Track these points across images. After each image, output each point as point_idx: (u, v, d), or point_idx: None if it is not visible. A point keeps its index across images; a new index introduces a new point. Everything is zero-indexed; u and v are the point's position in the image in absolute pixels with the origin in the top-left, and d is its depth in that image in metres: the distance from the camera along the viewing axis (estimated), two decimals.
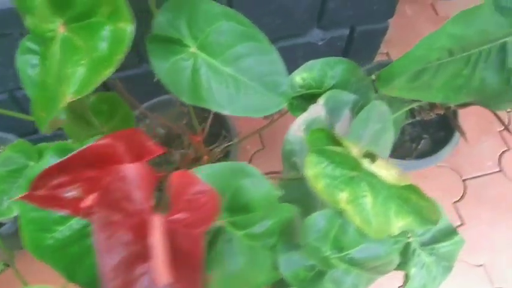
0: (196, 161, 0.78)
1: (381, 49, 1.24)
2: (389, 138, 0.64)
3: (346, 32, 1.06)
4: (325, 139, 0.43)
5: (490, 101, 0.56)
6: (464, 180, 1.15)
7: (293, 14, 0.94)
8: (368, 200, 0.46)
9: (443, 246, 0.69)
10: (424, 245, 0.69)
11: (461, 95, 0.56)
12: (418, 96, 0.57)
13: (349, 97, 0.58)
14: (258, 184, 0.40)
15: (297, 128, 0.54)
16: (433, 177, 1.15)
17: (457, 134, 0.96)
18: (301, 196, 0.55)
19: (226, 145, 0.88)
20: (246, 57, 0.55)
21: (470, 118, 1.21)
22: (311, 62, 0.59)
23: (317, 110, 0.55)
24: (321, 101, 0.55)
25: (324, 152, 0.44)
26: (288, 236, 0.45)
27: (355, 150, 0.43)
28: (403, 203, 0.48)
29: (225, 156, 0.90)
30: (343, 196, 0.44)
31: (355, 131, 0.56)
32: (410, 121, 1.01)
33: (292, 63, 1.11)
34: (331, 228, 0.46)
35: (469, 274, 1.05)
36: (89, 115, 0.50)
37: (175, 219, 0.28)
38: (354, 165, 0.43)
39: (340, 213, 0.45)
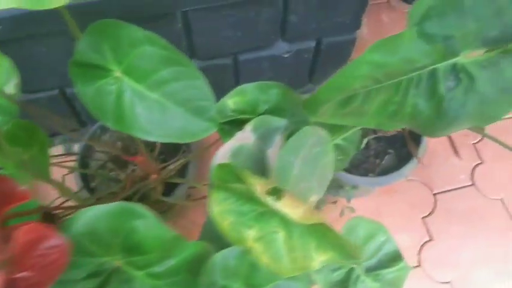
0: (145, 180, 0.77)
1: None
2: (329, 162, 0.62)
3: (313, 44, 1.04)
4: (230, 175, 0.42)
5: (424, 128, 0.54)
6: (434, 194, 1.13)
7: (254, 27, 0.93)
8: (280, 236, 0.44)
9: (390, 272, 0.67)
10: (369, 270, 0.67)
11: (395, 121, 0.54)
12: (351, 123, 0.55)
13: (280, 122, 0.56)
14: (151, 226, 0.38)
15: (222, 156, 0.52)
16: (402, 191, 1.13)
17: (421, 151, 0.94)
18: None
19: (181, 161, 0.86)
20: (172, 82, 0.53)
21: None
22: (243, 85, 0.57)
23: (244, 137, 0.54)
24: (249, 127, 0.54)
25: (229, 189, 0.42)
26: (199, 273, 0.44)
27: (258, 188, 0.41)
28: (322, 237, 0.46)
29: (181, 172, 0.89)
30: (250, 234, 0.42)
31: (285, 158, 0.54)
32: (374, 136, 0.99)
33: (258, 74, 1.10)
34: (242, 265, 0.44)
35: None
36: (3, 143, 0.49)
37: (18, 279, 0.27)
38: (259, 202, 0.42)
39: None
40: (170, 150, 0.95)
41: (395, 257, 0.67)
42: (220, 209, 0.42)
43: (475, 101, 0.50)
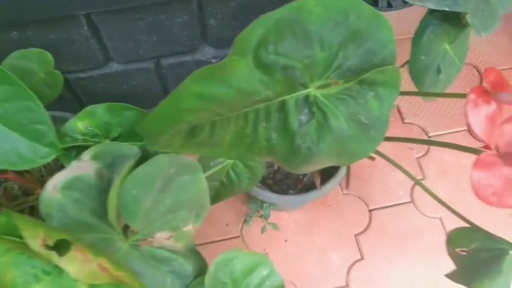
0: (28, 195, 0.72)
1: None
2: (202, 190, 0.57)
3: None
4: (9, 224, 0.36)
5: (283, 163, 0.48)
6: (370, 211, 1.08)
7: (169, 31, 0.86)
8: None
9: None
10: None
11: (254, 154, 0.48)
12: (208, 153, 0.49)
13: (130, 150, 0.50)
14: None
15: (52, 188, 0.47)
16: (337, 205, 1.08)
17: (343, 168, 0.88)
18: None
19: None
20: (3, 102, 0.48)
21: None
22: (92, 106, 0.52)
23: (81, 167, 0.48)
24: (87, 155, 0.48)
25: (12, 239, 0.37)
26: None
27: (38, 241, 0.35)
28: None
29: None
30: None
31: (129, 192, 0.49)
32: None
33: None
34: None
35: None
36: None
37: None
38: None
39: None
40: None
41: None
42: (6, 260, 0.36)
43: (330, 138, 0.45)
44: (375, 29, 0.43)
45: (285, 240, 1.04)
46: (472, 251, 0.55)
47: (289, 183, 0.92)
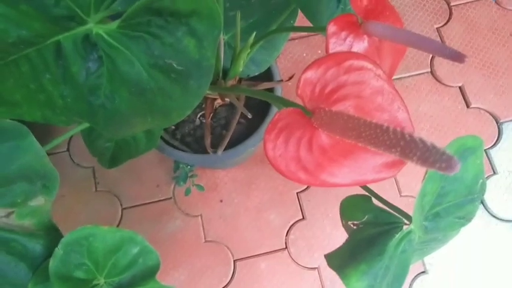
0: None
1: None
2: (37, 157, 0.48)
3: None
4: None
5: (94, 125, 0.37)
6: None
7: None
8: None
9: None
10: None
11: (60, 115, 0.38)
12: (12, 115, 0.38)
13: None
14: None
15: None
16: None
17: (266, 122, 0.77)
18: None
19: None
20: None
21: None
22: None
23: None
24: None
25: None
26: None
27: None
28: None
29: None
30: None
31: None
32: (222, 104, 0.81)
33: None
34: None
35: (301, 278, 0.91)
36: None
37: None
38: None
39: None
40: None
41: (151, 273, 0.54)
42: None
43: (126, 92, 0.33)
44: None
45: (221, 201, 0.95)
46: (362, 225, 0.45)
47: (214, 140, 0.81)
